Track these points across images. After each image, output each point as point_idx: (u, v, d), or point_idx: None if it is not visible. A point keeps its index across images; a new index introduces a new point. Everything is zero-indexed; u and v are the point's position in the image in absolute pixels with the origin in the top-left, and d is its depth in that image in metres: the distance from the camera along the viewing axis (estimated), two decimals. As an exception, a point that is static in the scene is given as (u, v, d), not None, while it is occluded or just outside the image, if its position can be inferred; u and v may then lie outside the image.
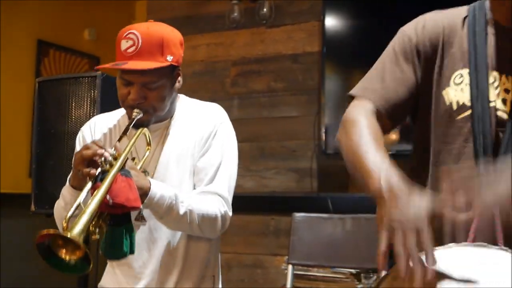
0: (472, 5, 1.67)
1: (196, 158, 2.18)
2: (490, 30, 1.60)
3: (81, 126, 2.82)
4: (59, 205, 2.12)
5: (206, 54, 4.50)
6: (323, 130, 3.90)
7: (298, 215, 2.85)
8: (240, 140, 2.32)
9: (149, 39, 2.07)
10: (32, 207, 3.01)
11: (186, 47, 2.23)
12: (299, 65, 4.19)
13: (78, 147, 2.27)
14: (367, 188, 1.42)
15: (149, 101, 2.09)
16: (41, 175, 3.01)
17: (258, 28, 4.35)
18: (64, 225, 1.67)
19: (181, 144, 2.19)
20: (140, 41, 2.06)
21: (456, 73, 1.60)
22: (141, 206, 1.90)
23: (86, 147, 1.91)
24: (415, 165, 1.73)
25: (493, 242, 1.39)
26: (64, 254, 1.67)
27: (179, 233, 2.18)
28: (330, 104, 3.92)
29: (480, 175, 1.35)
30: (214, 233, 2.16)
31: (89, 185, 1.83)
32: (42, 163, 3.00)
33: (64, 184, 2.13)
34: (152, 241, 2.17)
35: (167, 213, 2.00)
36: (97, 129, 2.30)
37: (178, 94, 2.29)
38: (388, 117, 1.66)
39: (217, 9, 4.47)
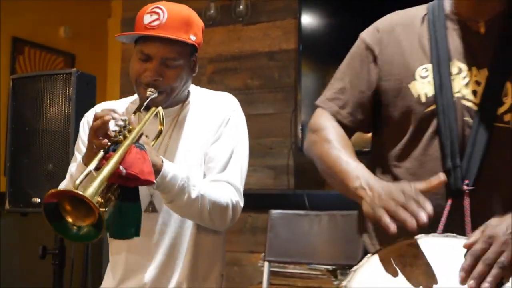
0: (430, 3, 1.72)
1: (207, 145, 2.11)
2: (452, 25, 1.65)
3: (56, 123, 2.82)
4: (65, 183, 2.05)
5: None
6: (299, 127, 3.91)
7: (275, 212, 2.85)
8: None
9: (175, 14, 2.03)
10: (7, 206, 2.98)
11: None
12: (276, 63, 4.20)
13: (82, 134, 2.19)
14: (347, 189, 1.53)
15: (166, 80, 2.02)
16: (15, 173, 2.98)
17: (235, 25, 4.35)
18: (74, 188, 1.54)
19: (192, 132, 2.12)
20: (166, 15, 2.00)
21: (421, 67, 1.63)
22: (155, 182, 1.79)
23: (96, 117, 1.81)
24: (373, 164, 1.77)
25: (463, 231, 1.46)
26: (72, 220, 1.55)
27: (188, 226, 2.09)
28: (307, 101, 3.93)
29: None
30: (224, 223, 2.07)
31: (100, 154, 1.73)
32: (17, 161, 2.98)
33: (39, 183, 2.09)
34: (162, 234, 2.07)
35: (178, 195, 1.91)
36: None
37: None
38: (348, 125, 1.75)
39: (193, 6, 4.38)
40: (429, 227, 1.37)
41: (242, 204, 2.11)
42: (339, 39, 3.92)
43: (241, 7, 4.27)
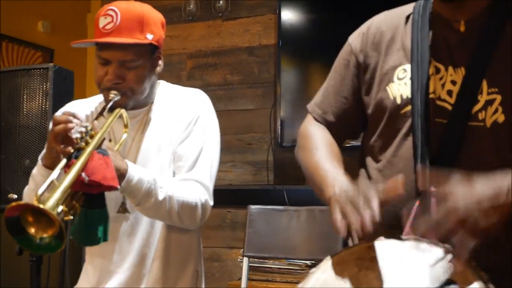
0: (418, 2, 1.69)
1: (176, 144, 2.10)
2: (436, 22, 1.61)
3: (33, 119, 2.79)
4: (28, 189, 2.01)
5: (162, 46, 4.46)
6: (279, 123, 3.91)
7: (254, 207, 2.85)
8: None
9: (128, 16, 1.99)
10: (-17, 202, 2.95)
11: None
12: (255, 58, 4.20)
13: None
14: (324, 198, 1.50)
15: (127, 82, 2.00)
16: (-8, 169, 2.96)
17: (214, 20, 4.35)
18: (35, 201, 1.52)
19: (162, 130, 2.12)
20: (119, 17, 1.98)
21: (400, 68, 1.62)
22: (119, 188, 1.78)
23: (57, 122, 1.80)
24: (359, 165, 1.76)
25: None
26: (35, 231, 1.53)
27: (158, 226, 2.10)
28: (286, 97, 3.93)
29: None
30: (194, 222, 2.06)
31: (63, 162, 1.71)
32: (-6, 157, 2.95)
33: (16, 179, 2.08)
34: (132, 234, 2.08)
35: (145, 198, 1.91)
36: None
37: (159, 80, 2.22)
38: (334, 131, 1.75)
39: (173, 2, 4.45)
40: (400, 228, 1.37)
41: (211, 202, 2.10)
42: (319, 34, 3.95)
43: (221, 2, 4.27)
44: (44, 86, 2.81)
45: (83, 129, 1.80)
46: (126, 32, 1.99)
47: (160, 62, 2.14)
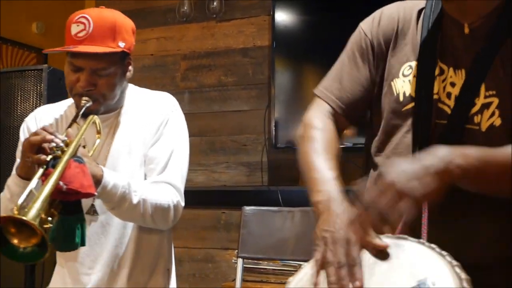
0: None
1: (147, 147, 2.13)
2: (446, 21, 1.57)
3: (28, 120, 2.79)
4: (4, 197, 2.03)
5: (156, 48, 4.47)
6: (273, 124, 3.91)
7: (248, 208, 2.84)
8: (190, 134, 2.30)
9: (101, 24, 2.01)
10: (-23, 203, 2.94)
11: (135, 41, 2.20)
12: (250, 59, 4.20)
13: (23, 139, 2.19)
14: (311, 198, 1.48)
15: (99, 89, 2.03)
16: (-14, 171, 2.96)
17: (209, 22, 4.35)
18: (16, 212, 1.55)
19: (132, 134, 2.15)
20: (91, 25, 2.00)
21: (406, 64, 1.59)
22: (96, 194, 1.83)
23: (34, 133, 1.83)
24: (365, 158, 1.74)
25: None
26: (18, 241, 1.56)
27: (130, 226, 2.13)
28: (280, 98, 3.93)
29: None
30: (166, 223, 2.11)
31: (40, 171, 1.74)
32: (-12, 158, 2.95)
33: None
34: (104, 235, 2.11)
35: (120, 202, 1.95)
36: (43, 120, 2.21)
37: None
38: (344, 116, 1.70)
39: (167, 3, 4.45)
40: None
41: (183, 204, 2.15)
42: (313, 36, 3.95)
43: (215, 3, 4.27)
44: (38, 87, 2.82)
45: (58, 140, 1.82)
46: (99, 40, 2.01)
47: (130, 67, 2.17)
